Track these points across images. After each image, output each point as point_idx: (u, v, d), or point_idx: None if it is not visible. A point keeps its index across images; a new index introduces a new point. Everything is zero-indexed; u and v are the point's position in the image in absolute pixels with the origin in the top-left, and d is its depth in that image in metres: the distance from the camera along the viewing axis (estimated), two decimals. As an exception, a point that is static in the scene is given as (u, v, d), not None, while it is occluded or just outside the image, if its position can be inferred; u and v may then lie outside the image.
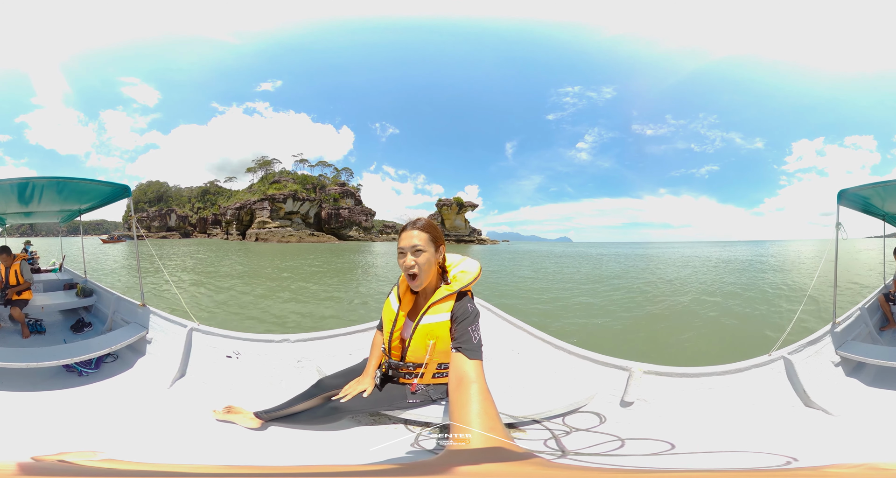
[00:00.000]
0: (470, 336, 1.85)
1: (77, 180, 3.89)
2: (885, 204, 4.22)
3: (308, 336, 3.43)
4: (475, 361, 1.72)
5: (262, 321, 9.82)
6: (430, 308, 2.05)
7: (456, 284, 2.08)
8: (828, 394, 2.85)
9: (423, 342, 2.07)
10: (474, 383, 1.53)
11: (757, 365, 3.00)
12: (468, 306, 2.00)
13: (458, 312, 1.98)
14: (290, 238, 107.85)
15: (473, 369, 1.66)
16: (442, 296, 2.04)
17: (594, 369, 3.00)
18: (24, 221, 6.38)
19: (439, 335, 2.03)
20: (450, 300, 2.03)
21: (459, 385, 1.56)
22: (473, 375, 1.61)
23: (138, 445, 2.18)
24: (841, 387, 3.12)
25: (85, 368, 3.38)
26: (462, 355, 1.74)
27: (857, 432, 2.47)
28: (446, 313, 2.02)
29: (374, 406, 2.21)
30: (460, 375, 1.63)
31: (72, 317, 5.22)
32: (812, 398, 2.78)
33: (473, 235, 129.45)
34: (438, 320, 2.03)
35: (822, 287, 7.87)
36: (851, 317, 3.89)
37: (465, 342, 1.82)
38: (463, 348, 1.78)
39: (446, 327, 2.00)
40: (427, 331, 2.06)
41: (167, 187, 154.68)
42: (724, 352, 7.38)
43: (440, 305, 2.04)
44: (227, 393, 2.90)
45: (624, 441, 2.21)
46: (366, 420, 2.42)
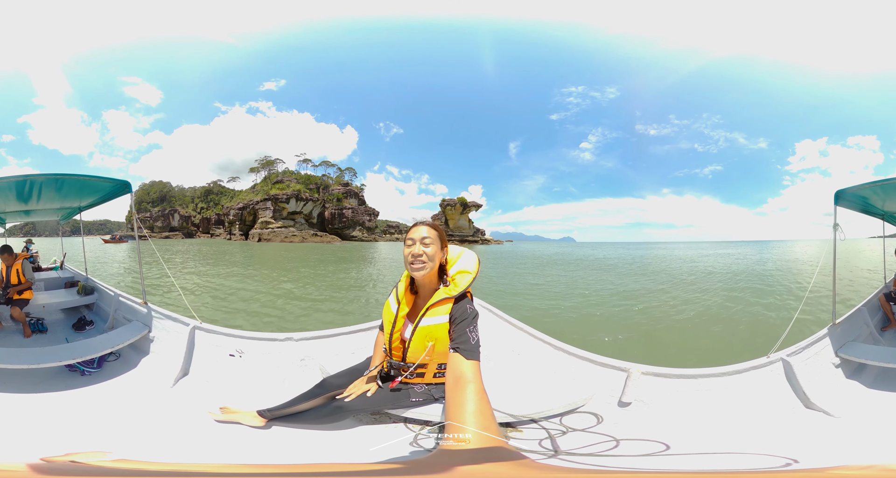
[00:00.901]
0: (468, 337, 1.88)
1: (76, 176, 3.86)
2: (883, 203, 4.20)
3: (311, 335, 3.43)
4: (472, 361, 1.75)
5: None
6: (429, 310, 2.08)
7: (455, 287, 2.10)
8: (828, 396, 2.83)
9: (423, 344, 2.10)
10: (471, 383, 1.56)
11: (755, 367, 3.00)
12: (467, 308, 2.03)
13: (457, 314, 2.02)
14: (293, 238, 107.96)
15: (470, 369, 1.69)
16: (440, 298, 2.07)
17: (593, 369, 3.01)
18: (24, 220, 6.35)
19: (438, 337, 2.06)
20: (448, 303, 2.06)
21: (456, 385, 1.59)
22: (470, 375, 1.64)
23: (145, 444, 2.19)
24: (842, 389, 3.11)
25: (87, 367, 3.38)
26: (459, 356, 1.78)
27: (859, 433, 2.46)
28: (445, 316, 2.05)
29: (377, 405, 2.24)
30: (457, 375, 1.66)
31: (73, 315, 5.25)
32: (812, 400, 2.77)
33: (477, 235, 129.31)
34: (437, 322, 2.06)
35: (823, 289, 7.81)
36: (852, 317, 3.88)
37: (463, 343, 1.85)
38: (461, 349, 1.82)
39: (445, 329, 2.03)
40: (426, 333, 2.09)
41: (170, 187, 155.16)
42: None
43: (439, 307, 2.07)
44: (230, 392, 2.92)
45: (619, 442, 2.22)
46: (367, 419, 2.45)
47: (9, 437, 2.27)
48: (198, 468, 1.30)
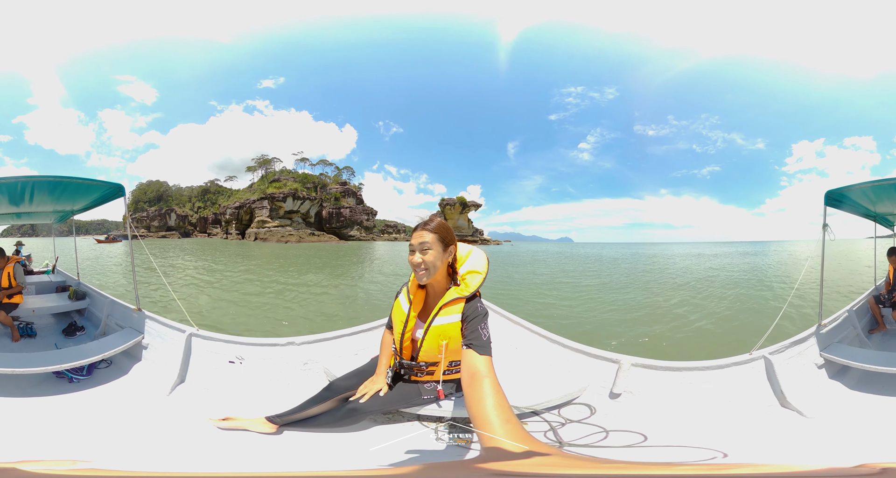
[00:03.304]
0: (480, 334, 1.95)
1: (69, 179, 3.78)
2: (874, 205, 4.21)
3: (313, 338, 3.42)
4: (485, 356, 1.80)
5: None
6: (441, 309, 2.14)
7: (466, 287, 2.16)
8: (806, 396, 2.87)
9: (437, 342, 2.16)
10: (486, 378, 1.60)
11: (737, 363, 3.05)
12: (478, 307, 2.10)
13: (469, 313, 2.08)
14: (290, 238, 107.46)
15: (484, 364, 1.74)
16: (453, 298, 2.12)
17: (587, 361, 3.08)
18: (16, 222, 6.25)
19: (451, 335, 2.12)
20: (460, 302, 2.12)
21: (473, 380, 1.62)
22: (485, 370, 1.69)
23: (138, 451, 2.15)
24: (822, 389, 3.13)
25: (76, 374, 3.30)
26: (473, 352, 1.84)
27: (827, 434, 2.49)
28: (457, 315, 2.11)
29: (391, 405, 2.28)
30: (473, 370, 1.71)
31: (64, 320, 5.17)
32: (788, 399, 2.81)
33: (476, 235, 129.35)
34: (450, 321, 2.12)
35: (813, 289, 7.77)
36: (839, 319, 3.90)
37: (476, 339, 1.92)
38: (474, 345, 1.88)
39: (458, 328, 2.10)
40: (440, 332, 2.14)
41: (167, 187, 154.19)
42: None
43: (451, 306, 2.12)
44: (231, 398, 2.88)
45: (608, 433, 2.30)
46: (381, 419, 2.49)
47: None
48: (203, 476, 1.30)
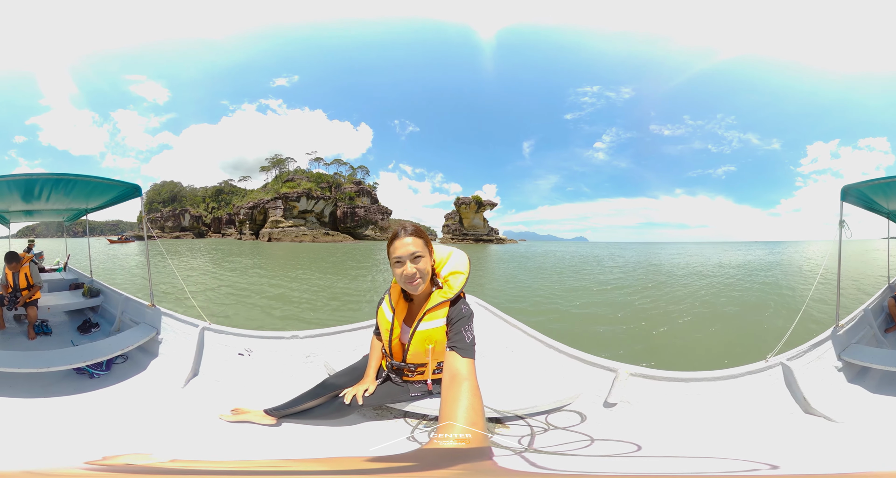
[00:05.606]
0: (463, 336, 1.97)
1: (86, 178, 3.82)
2: (888, 202, 4.11)
3: (315, 332, 3.59)
4: (467, 359, 1.81)
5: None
6: (426, 315, 2.16)
7: (449, 289, 2.16)
8: (830, 400, 2.76)
9: (423, 347, 2.21)
10: (466, 381, 1.62)
11: (752, 371, 2.95)
12: (462, 309, 2.12)
13: (453, 315, 2.10)
14: (304, 237, 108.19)
15: (465, 366, 1.75)
16: (437, 303, 2.14)
17: (583, 368, 3.03)
18: (28, 220, 6.29)
19: (437, 339, 2.15)
20: (445, 306, 2.13)
21: (452, 382, 1.64)
22: (465, 372, 1.71)
23: (165, 445, 2.26)
24: (844, 393, 3.03)
25: (96, 370, 3.40)
26: (456, 354, 1.85)
27: (861, 439, 2.41)
28: (442, 319, 2.13)
29: (379, 401, 2.38)
30: (453, 372, 1.72)
31: (78, 317, 5.27)
32: (813, 405, 2.70)
33: (492, 234, 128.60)
34: (435, 326, 2.14)
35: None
36: (855, 319, 3.78)
37: (459, 342, 1.94)
38: (457, 348, 1.89)
39: (443, 331, 2.11)
40: (425, 336, 2.18)
41: (181, 187, 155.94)
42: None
43: (436, 311, 2.14)
44: (240, 390, 3.02)
45: (594, 441, 2.24)
46: (371, 414, 2.58)
47: (19, 442, 2.28)
48: (242, 466, 1.33)
